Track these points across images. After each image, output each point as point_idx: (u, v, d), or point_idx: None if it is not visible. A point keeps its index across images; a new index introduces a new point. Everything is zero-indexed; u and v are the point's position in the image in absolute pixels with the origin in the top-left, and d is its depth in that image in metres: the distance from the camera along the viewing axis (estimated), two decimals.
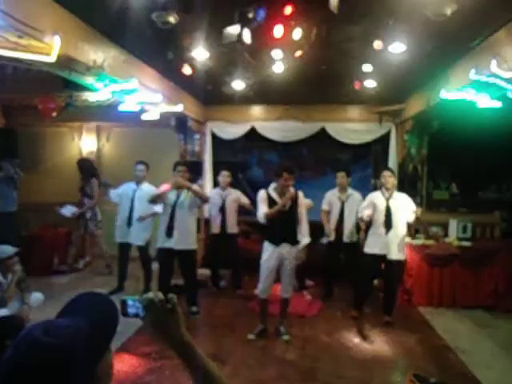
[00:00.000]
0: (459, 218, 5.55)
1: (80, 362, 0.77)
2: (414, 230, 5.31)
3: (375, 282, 5.05)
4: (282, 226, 3.87)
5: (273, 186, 3.97)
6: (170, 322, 0.96)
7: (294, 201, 3.91)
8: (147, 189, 5.04)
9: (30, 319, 3.53)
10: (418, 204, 6.07)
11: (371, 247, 4.43)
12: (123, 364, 3.33)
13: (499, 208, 5.84)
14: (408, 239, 5.32)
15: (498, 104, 4.04)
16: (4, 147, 6.59)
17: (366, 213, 4.40)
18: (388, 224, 4.31)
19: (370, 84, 4.89)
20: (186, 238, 4.37)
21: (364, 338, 4.05)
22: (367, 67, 4.22)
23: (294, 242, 3.92)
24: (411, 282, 4.94)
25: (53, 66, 2.98)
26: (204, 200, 4.48)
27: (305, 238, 3.96)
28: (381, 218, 4.35)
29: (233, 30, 2.99)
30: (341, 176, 5.15)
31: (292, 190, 3.92)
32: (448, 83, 3.93)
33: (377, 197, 4.45)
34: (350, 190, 5.17)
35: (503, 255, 4.90)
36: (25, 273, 3.79)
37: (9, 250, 3.42)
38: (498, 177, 6.63)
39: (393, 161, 6.19)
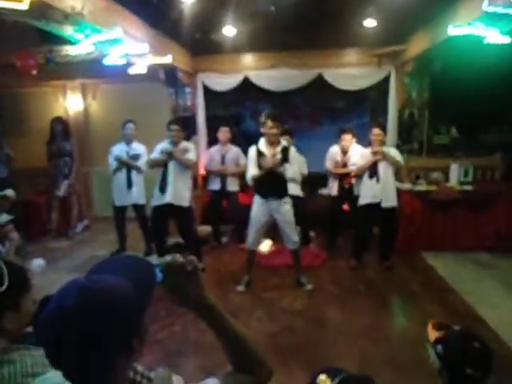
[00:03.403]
0: (460, 162, 5.47)
1: (130, 309, 0.75)
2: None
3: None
4: (269, 180, 3.81)
5: (262, 139, 3.85)
6: (191, 285, 0.89)
7: (284, 155, 3.79)
8: (139, 148, 5.00)
9: (34, 285, 3.50)
10: (415, 151, 6.00)
11: (364, 198, 4.50)
12: None
13: (500, 150, 5.75)
14: (409, 185, 5.28)
15: (506, 40, 3.83)
16: None
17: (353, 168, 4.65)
18: (376, 178, 4.38)
19: (370, 23, 4.59)
20: (180, 195, 4.34)
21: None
22: (367, 4, 3.94)
23: (282, 195, 3.87)
24: (413, 227, 4.95)
25: (26, 14, 2.69)
26: (188, 166, 4.39)
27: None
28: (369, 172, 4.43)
29: None
30: (347, 139, 4.88)
31: (284, 142, 3.87)
32: (456, 18, 3.66)
33: (365, 154, 4.49)
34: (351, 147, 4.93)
35: (504, 197, 4.90)
36: (23, 239, 3.72)
37: (2, 218, 3.31)
38: (499, 118, 6.50)
39: (392, 106, 5.99)
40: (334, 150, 5.02)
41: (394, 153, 4.45)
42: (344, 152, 4.95)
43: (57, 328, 0.70)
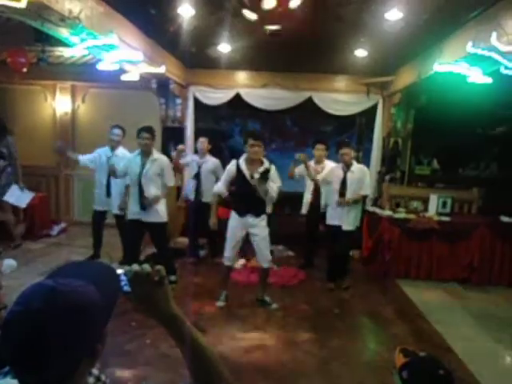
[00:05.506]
0: (439, 193, 5.62)
1: (97, 313, 0.75)
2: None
3: (352, 253, 5.13)
4: (246, 198, 3.81)
5: (244, 156, 3.84)
6: (158, 295, 0.88)
7: (265, 174, 3.76)
8: (123, 155, 4.75)
9: (3, 286, 3.40)
10: (397, 179, 6.15)
11: (329, 218, 4.58)
12: None
13: (477, 185, 5.94)
14: (389, 212, 5.37)
15: (488, 80, 4.01)
16: None
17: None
18: (341, 195, 4.46)
19: (361, 53, 4.76)
20: (156, 213, 4.15)
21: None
22: (360, 35, 4.08)
23: (259, 213, 3.85)
24: (390, 254, 5.02)
25: (23, 13, 2.70)
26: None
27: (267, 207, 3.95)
28: (336, 188, 4.49)
29: None
30: (319, 148, 5.01)
31: (266, 164, 3.78)
32: (442, 56, 3.84)
33: (336, 169, 4.58)
34: (325, 162, 5.03)
35: (479, 231, 5.03)
36: None
37: None
38: (478, 155, 6.74)
39: (378, 134, 6.15)
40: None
41: (366, 182, 4.50)
42: (318, 161, 5.02)
43: (23, 330, 0.69)
